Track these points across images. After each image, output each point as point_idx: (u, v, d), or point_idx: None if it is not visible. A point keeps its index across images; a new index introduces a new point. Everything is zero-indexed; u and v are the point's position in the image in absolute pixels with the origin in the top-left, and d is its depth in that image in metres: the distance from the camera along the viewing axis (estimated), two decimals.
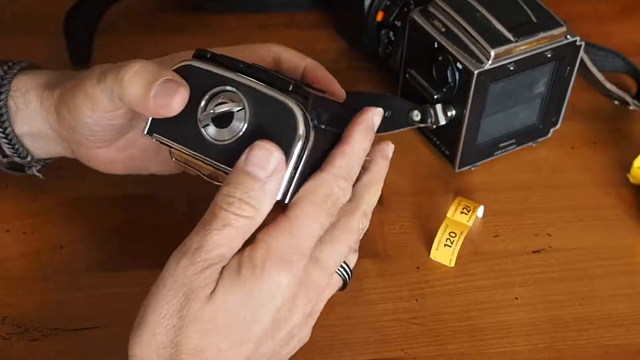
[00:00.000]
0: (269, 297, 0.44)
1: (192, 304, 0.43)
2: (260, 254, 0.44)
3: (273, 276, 0.43)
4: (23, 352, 0.54)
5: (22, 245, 0.61)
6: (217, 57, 0.47)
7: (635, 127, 0.72)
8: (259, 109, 0.45)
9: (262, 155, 0.44)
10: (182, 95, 0.46)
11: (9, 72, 0.55)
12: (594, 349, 0.56)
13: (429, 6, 0.63)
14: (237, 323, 0.43)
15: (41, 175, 0.58)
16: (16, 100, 0.54)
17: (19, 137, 0.55)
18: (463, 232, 0.60)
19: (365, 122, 0.49)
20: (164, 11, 0.81)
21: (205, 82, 0.47)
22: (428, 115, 0.63)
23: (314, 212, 0.45)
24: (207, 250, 0.43)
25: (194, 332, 0.43)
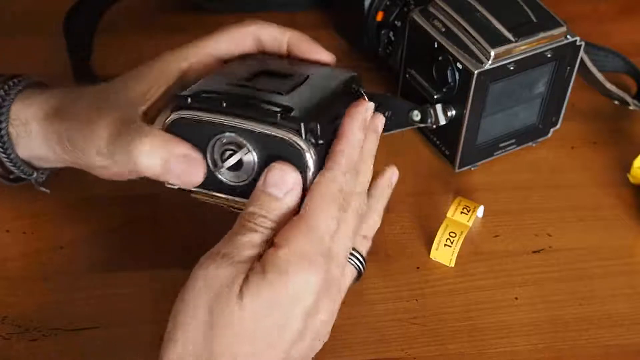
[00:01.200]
0: (298, 298, 0.44)
1: (222, 307, 0.43)
2: (283, 256, 0.44)
3: (300, 277, 0.44)
4: (23, 352, 0.54)
5: (22, 245, 0.61)
6: (198, 99, 0.48)
7: (635, 127, 0.72)
8: (262, 146, 0.47)
9: (278, 176, 0.46)
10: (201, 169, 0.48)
11: (6, 99, 0.55)
12: (594, 349, 0.56)
13: (429, 6, 0.63)
14: (268, 327, 0.44)
15: (48, 190, 0.60)
16: (17, 129, 0.55)
17: (23, 159, 0.56)
18: (463, 232, 0.60)
19: (356, 117, 0.49)
20: (164, 11, 0.81)
21: (202, 132, 0.48)
22: (428, 115, 0.63)
23: (327, 209, 0.46)
24: (234, 254, 0.44)
25: (226, 337, 0.43)
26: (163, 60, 0.54)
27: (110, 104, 0.52)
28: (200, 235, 0.61)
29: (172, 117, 0.48)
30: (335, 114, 0.49)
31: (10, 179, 0.58)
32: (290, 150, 0.46)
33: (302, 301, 0.44)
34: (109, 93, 0.53)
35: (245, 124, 0.46)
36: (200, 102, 0.48)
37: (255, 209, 0.46)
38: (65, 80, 0.71)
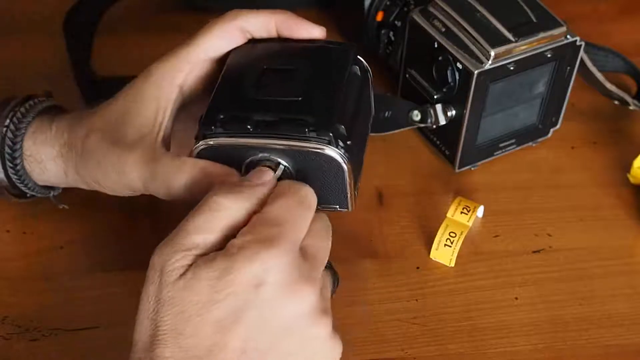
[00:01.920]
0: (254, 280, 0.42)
1: (163, 285, 0.43)
2: (236, 241, 0.43)
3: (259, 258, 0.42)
4: (23, 352, 0.54)
5: (22, 245, 0.61)
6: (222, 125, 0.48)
7: (635, 127, 0.72)
8: (295, 161, 0.48)
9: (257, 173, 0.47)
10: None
11: (17, 135, 0.55)
12: (594, 349, 0.56)
13: (429, 6, 0.63)
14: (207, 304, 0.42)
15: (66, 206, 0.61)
16: (31, 165, 0.56)
17: (40, 185, 0.58)
18: (463, 232, 0.60)
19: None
20: (164, 11, 0.81)
21: (235, 155, 0.48)
22: (428, 115, 0.63)
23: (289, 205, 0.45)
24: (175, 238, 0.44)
25: (166, 313, 0.43)
26: (156, 80, 0.52)
27: (124, 138, 0.52)
28: None
29: (201, 145, 0.49)
30: (352, 100, 0.51)
31: (26, 197, 0.59)
32: (323, 159, 0.47)
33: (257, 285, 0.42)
34: (116, 128, 0.52)
35: (276, 143, 0.47)
36: (226, 129, 0.48)
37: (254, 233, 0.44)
38: (66, 80, 0.71)
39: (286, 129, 0.47)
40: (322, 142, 0.47)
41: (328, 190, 0.49)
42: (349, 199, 0.50)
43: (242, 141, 0.48)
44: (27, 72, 0.73)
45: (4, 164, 0.55)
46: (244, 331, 0.42)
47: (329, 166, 0.48)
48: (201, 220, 0.44)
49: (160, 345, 0.42)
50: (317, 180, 0.48)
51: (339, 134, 0.47)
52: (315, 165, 0.48)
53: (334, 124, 0.47)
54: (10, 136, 0.55)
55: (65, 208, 0.61)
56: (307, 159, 0.48)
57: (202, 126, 0.48)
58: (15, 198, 0.59)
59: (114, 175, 0.52)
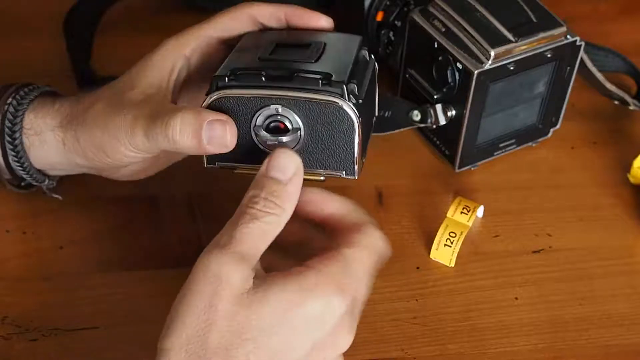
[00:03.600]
0: (315, 319, 0.43)
1: (222, 297, 0.42)
2: (312, 276, 0.43)
3: (323, 300, 0.43)
4: (23, 352, 0.54)
5: (22, 245, 0.61)
6: (236, 77, 0.49)
7: (635, 127, 0.72)
8: (306, 113, 0.48)
9: (282, 161, 0.46)
10: (231, 131, 0.48)
11: (19, 109, 0.55)
12: (594, 349, 0.56)
13: (429, 6, 0.63)
14: (270, 340, 0.42)
15: (60, 196, 0.60)
16: (31, 138, 0.55)
17: (36, 167, 0.57)
18: (463, 232, 0.60)
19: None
20: (164, 11, 0.81)
21: (246, 107, 0.49)
22: (428, 115, 0.63)
23: (368, 263, 0.46)
24: (237, 243, 0.43)
25: (223, 329, 0.42)
26: (165, 50, 0.54)
27: (131, 101, 0.52)
28: (200, 236, 0.61)
29: (213, 97, 0.49)
30: (363, 74, 0.52)
31: (21, 186, 0.59)
32: (335, 113, 0.48)
33: (317, 327, 0.43)
34: (122, 92, 0.53)
35: (288, 94, 0.48)
36: (239, 80, 0.48)
37: (256, 191, 0.45)
38: (66, 80, 0.71)
39: (300, 81, 0.48)
40: (334, 94, 0.47)
41: (336, 152, 0.49)
42: (356, 163, 0.50)
43: (255, 92, 0.48)
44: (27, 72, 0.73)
45: (2, 141, 0.55)
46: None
47: (339, 121, 0.48)
48: (260, 231, 0.44)
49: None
50: (326, 140, 0.49)
51: (352, 90, 0.48)
52: (327, 120, 0.48)
53: (348, 79, 0.48)
54: (12, 110, 0.55)
55: (58, 198, 0.60)
56: (319, 113, 0.48)
57: (214, 78, 0.49)
58: (10, 185, 0.58)
59: (120, 134, 0.51)
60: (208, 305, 0.42)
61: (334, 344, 0.45)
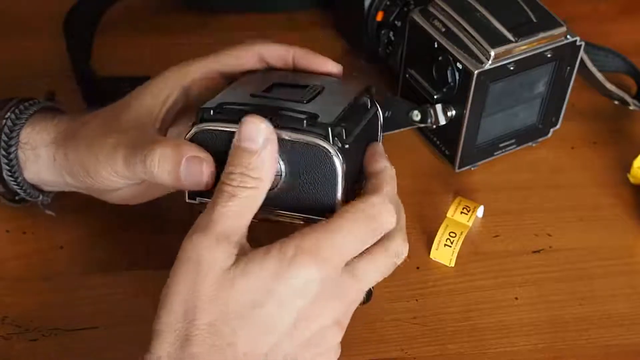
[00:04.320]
0: (298, 288, 0.43)
1: (206, 279, 0.43)
2: (293, 244, 0.43)
3: (305, 267, 0.43)
4: (23, 352, 0.54)
5: (22, 245, 0.61)
6: (221, 111, 0.48)
7: (635, 127, 0.72)
8: (288, 153, 0.47)
9: (250, 130, 0.45)
10: (208, 169, 0.47)
11: (17, 123, 0.55)
12: (594, 349, 0.56)
13: (429, 6, 0.63)
14: (258, 310, 0.43)
15: (53, 213, 0.60)
16: (26, 153, 0.55)
17: (30, 183, 0.57)
18: (463, 232, 0.60)
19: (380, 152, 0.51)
20: (164, 11, 0.81)
21: (229, 142, 0.47)
22: (428, 115, 0.63)
23: (356, 228, 0.45)
24: (215, 224, 0.43)
25: (208, 309, 0.42)
26: (165, 77, 0.54)
27: (120, 125, 0.52)
28: None
29: (195, 129, 0.48)
30: (356, 120, 0.50)
31: (15, 200, 0.59)
32: (318, 155, 0.46)
33: (302, 293, 0.43)
34: (116, 114, 0.53)
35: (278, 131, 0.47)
36: (224, 114, 0.48)
37: (231, 167, 0.45)
38: (66, 80, 0.71)
39: (284, 119, 0.46)
40: (318, 136, 0.46)
41: (317, 196, 0.47)
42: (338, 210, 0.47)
43: (237, 127, 0.46)
44: (27, 72, 0.73)
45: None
46: (274, 339, 0.43)
47: (322, 165, 0.46)
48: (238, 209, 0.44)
49: (193, 344, 0.42)
50: (308, 183, 0.47)
51: (338, 133, 0.46)
52: (309, 163, 0.46)
53: (335, 124, 0.47)
54: (10, 124, 0.55)
55: (52, 215, 0.60)
56: (301, 154, 0.46)
57: (200, 110, 0.48)
58: (4, 199, 0.58)
59: (101, 157, 0.51)
60: (191, 291, 0.43)
61: (321, 313, 0.45)
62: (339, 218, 0.45)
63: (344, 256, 0.45)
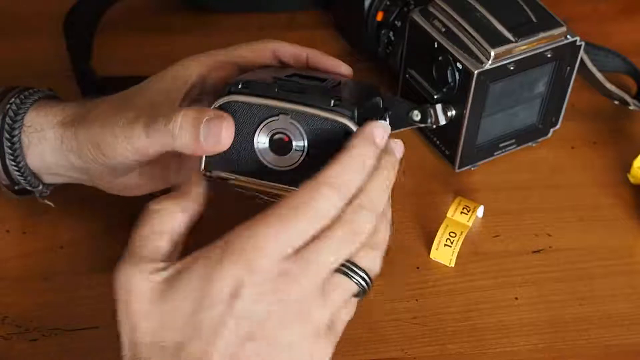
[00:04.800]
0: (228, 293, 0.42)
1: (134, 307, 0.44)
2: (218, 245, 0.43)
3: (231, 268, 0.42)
4: (23, 352, 0.54)
5: (22, 245, 0.61)
6: (250, 85, 0.48)
7: (635, 127, 0.72)
8: (312, 130, 0.47)
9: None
10: (228, 129, 0.48)
11: (22, 107, 0.55)
12: (594, 349, 0.56)
13: (429, 6, 0.63)
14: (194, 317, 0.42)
15: (52, 204, 0.60)
16: (30, 137, 0.55)
17: (32, 169, 0.56)
18: (463, 232, 0.60)
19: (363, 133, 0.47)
20: (164, 11, 0.81)
21: (254, 115, 0.48)
22: (428, 115, 0.63)
23: (286, 218, 0.43)
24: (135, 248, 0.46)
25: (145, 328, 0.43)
26: (184, 64, 0.54)
27: (137, 105, 0.52)
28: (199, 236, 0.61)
29: (223, 99, 0.48)
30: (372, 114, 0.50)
31: (15, 190, 0.58)
32: (340, 135, 0.47)
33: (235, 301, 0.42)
34: (131, 97, 0.53)
35: (298, 107, 0.47)
36: (253, 88, 0.48)
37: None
38: (66, 80, 0.71)
39: (312, 97, 0.47)
40: (345, 116, 0.47)
41: None
42: None
43: (265, 101, 0.48)
44: (27, 72, 0.73)
45: (0, 140, 0.55)
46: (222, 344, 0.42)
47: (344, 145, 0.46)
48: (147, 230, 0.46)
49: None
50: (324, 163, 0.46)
51: (362, 117, 0.47)
52: (331, 141, 0.47)
53: (359, 107, 0.47)
54: (14, 108, 0.55)
55: (51, 205, 0.60)
56: (326, 131, 0.47)
57: (226, 85, 0.49)
58: (6, 190, 0.58)
59: (117, 130, 0.51)
60: (126, 317, 0.44)
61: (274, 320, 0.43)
62: (268, 212, 0.43)
63: (269, 250, 0.42)
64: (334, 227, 0.44)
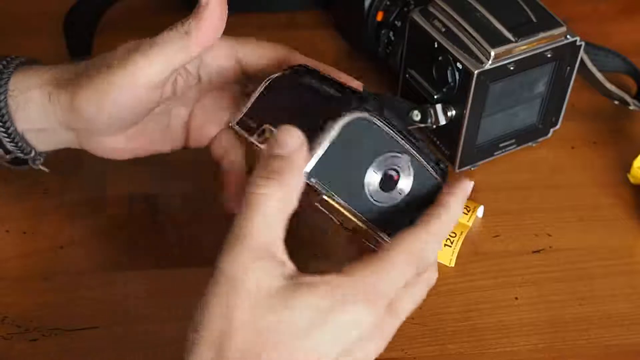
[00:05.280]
0: (344, 329, 0.41)
1: (238, 306, 0.40)
2: (345, 284, 0.42)
3: (354, 311, 0.41)
4: (23, 352, 0.54)
5: (22, 245, 0.61)
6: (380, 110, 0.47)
7: (635, 127, 0.72)
8: (418, 178, 0.49)
9: (283, 137, 0.43)
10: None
11: (4, 72, 0.54)
12: (594, 349, 0.56)
13: (429, 6, 0.63)
14: (300, 340, 0.40)
15: (46, 169, 0.58)
16: (16, 100, 0.54)
17: (21, 134, 0.55)
18: (463, 232, 0.60)
19: (463, 192, 0.49)
20: (164, 11, 0.81)
21: (378, 142, 0.47)
22: (428, 115, 0.63)
23: (405, 265, 0.44)
24: (246, 241, 0.41)
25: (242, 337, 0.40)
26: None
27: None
28: (200, 235, 0.61)
29: (357, 115, 0.45)
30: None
31: (9, 161, 0.57)
32: (435, 190, 0.49)
33: (347, 334, 0.41)
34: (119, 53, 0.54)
35: (417, 152, 0.48)
36: (387, 115, 0.47)
37: (258, 171, 0.42)
38: None
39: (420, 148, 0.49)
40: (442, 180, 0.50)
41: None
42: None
43: (395, 135, 0.47)
44: None
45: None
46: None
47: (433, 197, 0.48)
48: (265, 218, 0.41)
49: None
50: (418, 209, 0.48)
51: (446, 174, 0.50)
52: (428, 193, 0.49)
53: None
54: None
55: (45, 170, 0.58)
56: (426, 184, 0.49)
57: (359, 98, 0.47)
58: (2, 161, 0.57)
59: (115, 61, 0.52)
60: (224, 315, 0.40)
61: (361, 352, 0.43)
62: (389, 255, 0.43)
63: (391, 295, 0.44)
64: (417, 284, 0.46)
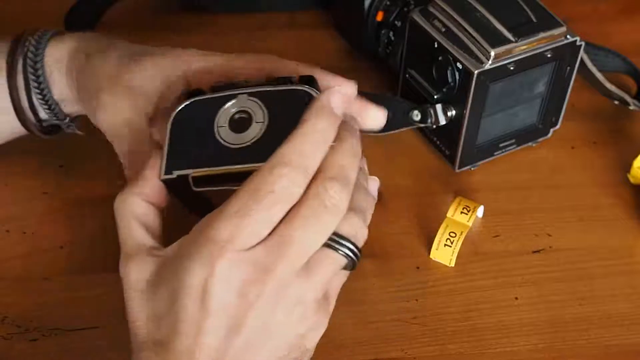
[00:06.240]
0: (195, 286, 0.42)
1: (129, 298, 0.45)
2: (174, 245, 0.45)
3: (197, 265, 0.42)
4: (23, 352, 0.54)
5: (22, 245, 0.61)
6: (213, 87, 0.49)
7: (635, 127, 0.72)
8: (274, 103, 0.46)
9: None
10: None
11: (41, 42, 0.56)
12: (594, 349, 0.56)
13: (429, 6, 0.63)
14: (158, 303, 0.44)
15: (81, 132, 0.60)
16: (51, 67, 0.56)
17: (56, 100, 0.57)
18: (463, 232, 0.60)
19: (319, 102, 0.45)
20: (164, 11, 0.81)
21: (213, 105, 0.47)
22: (428, 115, 0.63)
23: (245, 207, 0.42)
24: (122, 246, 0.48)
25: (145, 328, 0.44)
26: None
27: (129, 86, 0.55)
28: None
29: (185, 102, 0.48)
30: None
31: (42, 129, 0.59)
32: (303, 104, 0.45)
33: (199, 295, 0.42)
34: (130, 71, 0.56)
35: (256, 87, 0.47)
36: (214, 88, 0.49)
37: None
38: None
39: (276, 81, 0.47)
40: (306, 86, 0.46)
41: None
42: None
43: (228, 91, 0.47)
44: None
45: (25, 77, 0.56)
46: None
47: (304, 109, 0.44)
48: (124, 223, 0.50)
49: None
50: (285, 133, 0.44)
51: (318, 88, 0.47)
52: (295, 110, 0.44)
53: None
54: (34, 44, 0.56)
55: (80, 134, 0.60)
56: (287, 102, 0.45)
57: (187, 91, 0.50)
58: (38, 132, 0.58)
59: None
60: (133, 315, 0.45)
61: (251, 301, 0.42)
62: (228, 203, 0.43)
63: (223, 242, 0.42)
64: (301, 205, 0.43)
